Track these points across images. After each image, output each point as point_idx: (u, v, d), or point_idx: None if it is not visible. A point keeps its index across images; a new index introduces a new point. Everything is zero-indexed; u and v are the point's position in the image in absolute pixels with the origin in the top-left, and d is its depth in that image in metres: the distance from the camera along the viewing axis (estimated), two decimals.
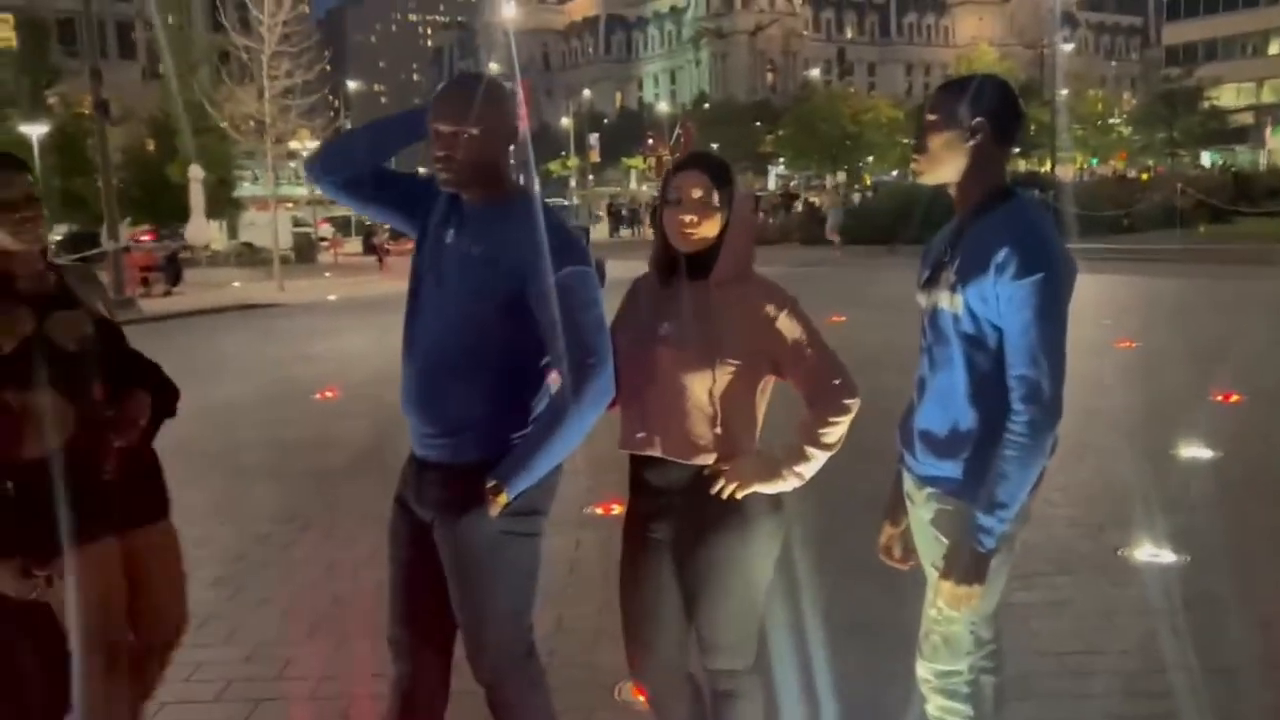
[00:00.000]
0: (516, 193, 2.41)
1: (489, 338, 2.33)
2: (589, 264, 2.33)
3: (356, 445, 7.13)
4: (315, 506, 5.87)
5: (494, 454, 2.31)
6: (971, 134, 2.25)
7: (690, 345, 2.35)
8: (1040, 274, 2.11)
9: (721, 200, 2.36)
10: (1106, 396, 7.71)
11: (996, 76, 2.40)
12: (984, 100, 2.26)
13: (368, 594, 2.51)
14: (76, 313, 2.55)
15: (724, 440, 2.37)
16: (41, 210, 2.52)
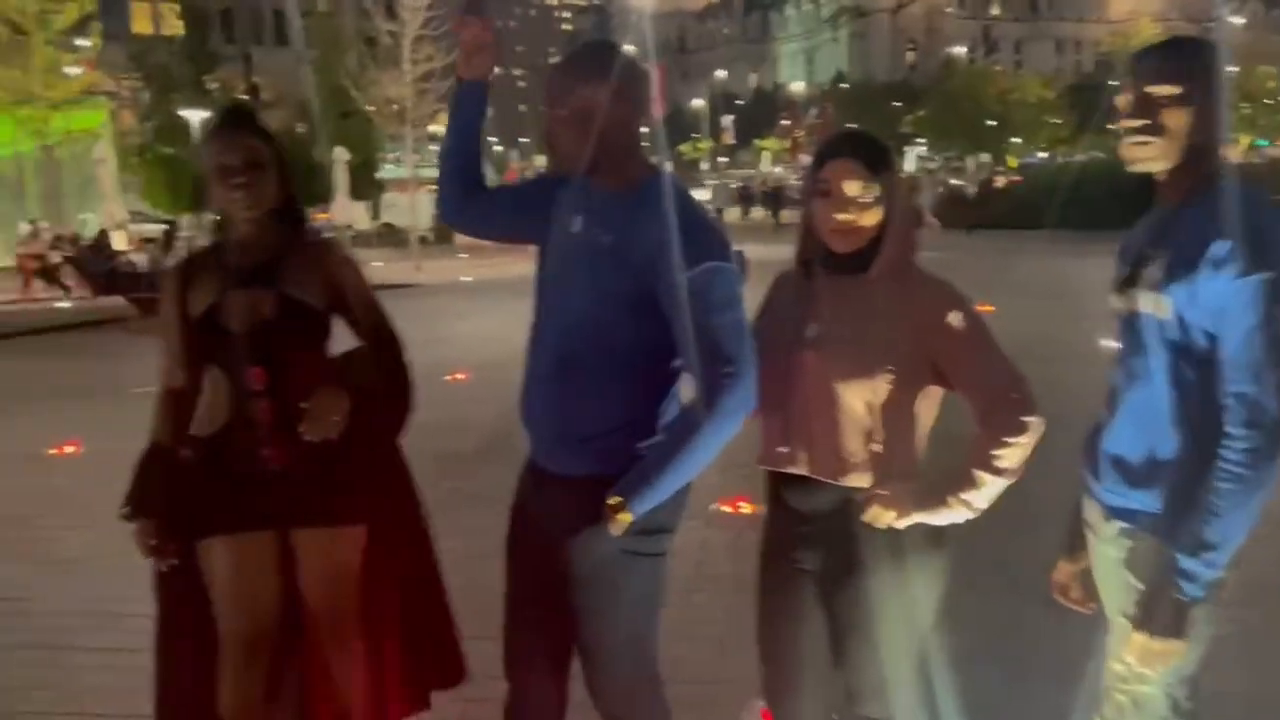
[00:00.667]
0: (650, 176, 2.19)
1: (616, 339, 2.14)
2: (729, 259, 2.09)
3: (485, 430, 7.06)
4: (441, 490, 5.71)
5: (618, 467, 2.12)
6: (1209, 108, 1.89)
7: (844, 349, 2.10)
8: (1270, 273, 1.78)
9: (881, 190, 2.09)
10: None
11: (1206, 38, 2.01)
12: (1213, 66, 1.91)
13: (486, 590, 2.38)
14: (258, 293, 2.42)
15: (881, 459, 2.11)
16: (264, 177, 2.41)
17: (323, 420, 2.36)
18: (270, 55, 40.88)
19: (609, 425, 2.16)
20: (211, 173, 2.41)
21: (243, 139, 2.40)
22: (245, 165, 2.38)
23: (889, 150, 2.17)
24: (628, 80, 2.14)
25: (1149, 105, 1.91)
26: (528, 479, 2.35)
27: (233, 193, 2.38)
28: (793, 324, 2.18)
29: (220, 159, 2.39)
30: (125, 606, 4.27)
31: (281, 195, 2.46)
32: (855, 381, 2.09)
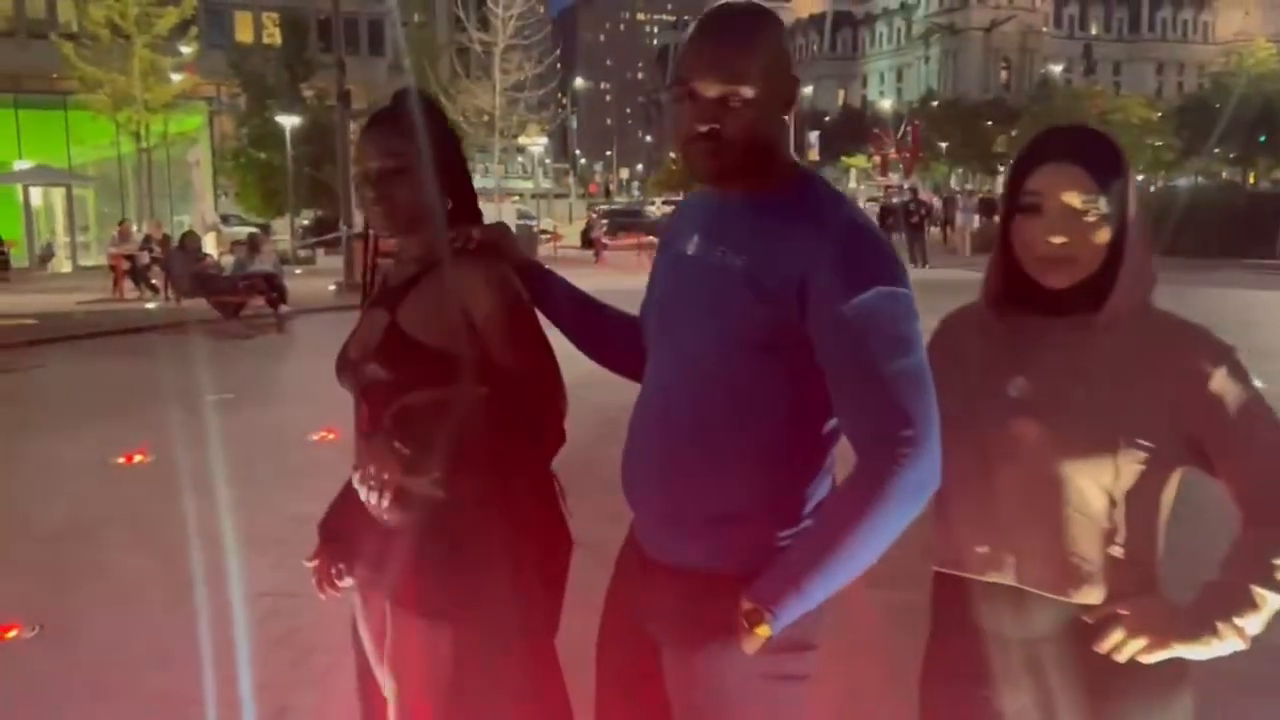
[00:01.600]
0: (797, 179, 1.68)
1: (748, 392, 1.62)
2: (905, 282, 1.57)
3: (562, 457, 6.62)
4: None
5: (753, 562, 1.60)
6: None
7: (1074, 417, 1.55)
8: None
9: (1110, 204, 1.55)
10: None
11: None
12: None
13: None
14: (376, 317, 1.97)
15: (1121, 568, 1.56)
16: (403, 185, 1.92)
17: (364, 476, 1.86)
18: (364, 64, 41.45)
19: (738, 506, 1.64)
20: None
21: (381, 141, 1.94)
22: (379, 174, 1.93)
23: (1120, 150, 1.62)
24: (780, 51, 1.65)
25: None
26: (628, 559, 1.84)
27: (368, 207, 1.97)
28: (986, 379, 1.66)
29: (355, 166, 1.99)
30: (178, 646, 3.94)
31: (429, 201, 1.95)
32: (1093, 460, 1.54)
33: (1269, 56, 65.24)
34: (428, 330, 1.89)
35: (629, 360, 1.92)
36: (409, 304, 1.93)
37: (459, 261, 1.92)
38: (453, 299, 1.89)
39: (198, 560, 4.72)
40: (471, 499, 1.86)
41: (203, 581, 4.48)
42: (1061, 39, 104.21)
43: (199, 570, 4.61)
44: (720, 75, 1.58)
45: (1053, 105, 61.08)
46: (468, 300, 1.89)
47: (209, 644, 2.19)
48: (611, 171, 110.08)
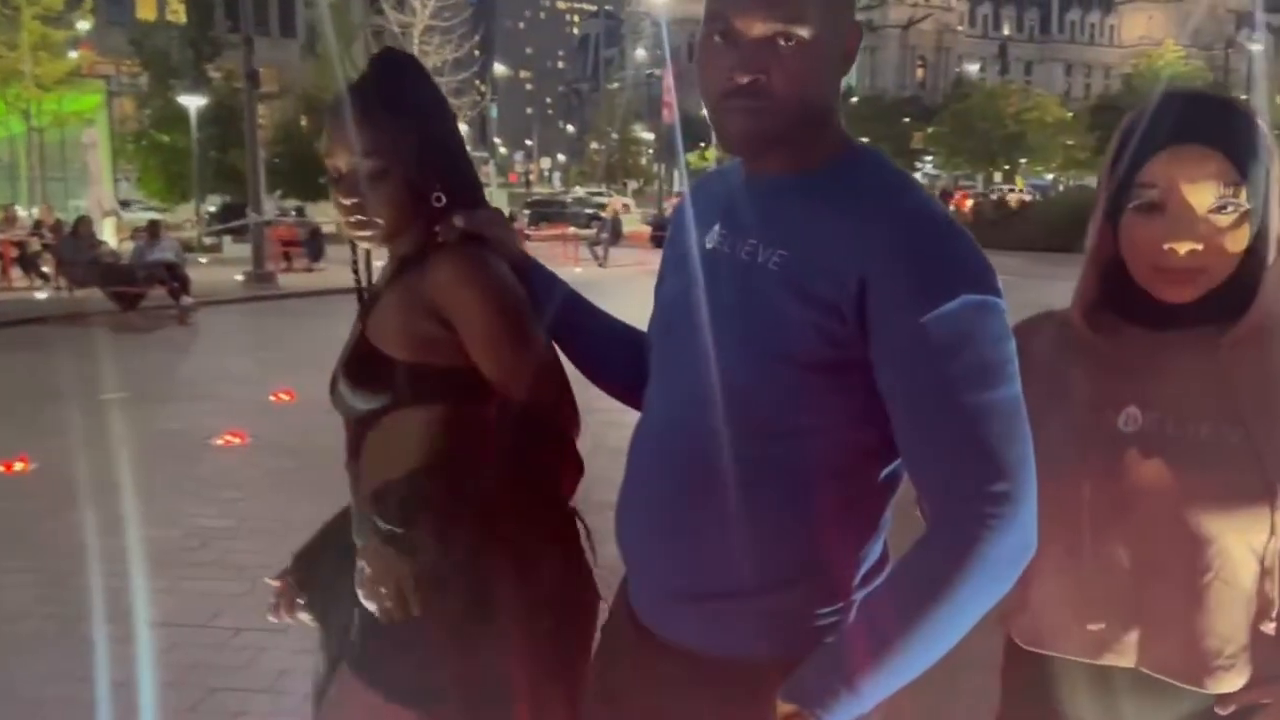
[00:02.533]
0: (850, 151, 1.29)
1: (786, 423, 1.23)
2: (998, 290, 1.19)
3: None
4: None
5: (784, 645, 1.24)
6: None
7: (1212, 457, 1.23)
8: None
9: (1252, 196, 1.22)
10: None
11: None
12: None
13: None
14: (356, 327, 1.61)
15: (1271, 648, 1.24)
16: (382, 183, 1.53)
17: (369, 590, 1.49)
18: (275, 45, 40.19)
19: (771, 575, 1.26)
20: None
21: (354, 133, 1.54)
22: (353, 178, 1.54)
23: (1260, 126, 1.25)
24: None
25: None
26: (619, 629, 1.44)
27: (340, 214, 1.58)
28: (1084, 410, 1.31)
29: (325, 160, 1.58)
30: (61, 686, 3.39)
31: (421, 198, 1.57)
32: (1244, 513, 1.21)
33: (1177, 60, 67.59)
34: (394, 341, 1.52)
35: (630, 384, 1.55)
36: (378, 311, 1.57)
37: (433, 256, 1.53)
38: (424, 301, 1.51)
39: (85, 585, 4.25)
40: (474, 563, 1.48)
41: (91, 610, 4.00)
42: (976, 38, 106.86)
43: (86, 597, 4.13)
44: (770, 9, 1.19)
45: (970, 102, 62.33)
46: (443, 302, 1.49)
47: (98, 684, 1.79)
48: (532, 161, 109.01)
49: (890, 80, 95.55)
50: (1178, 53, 70.62)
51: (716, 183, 1.42)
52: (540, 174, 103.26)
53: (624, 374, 1.58)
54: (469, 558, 1.48)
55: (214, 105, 28.96)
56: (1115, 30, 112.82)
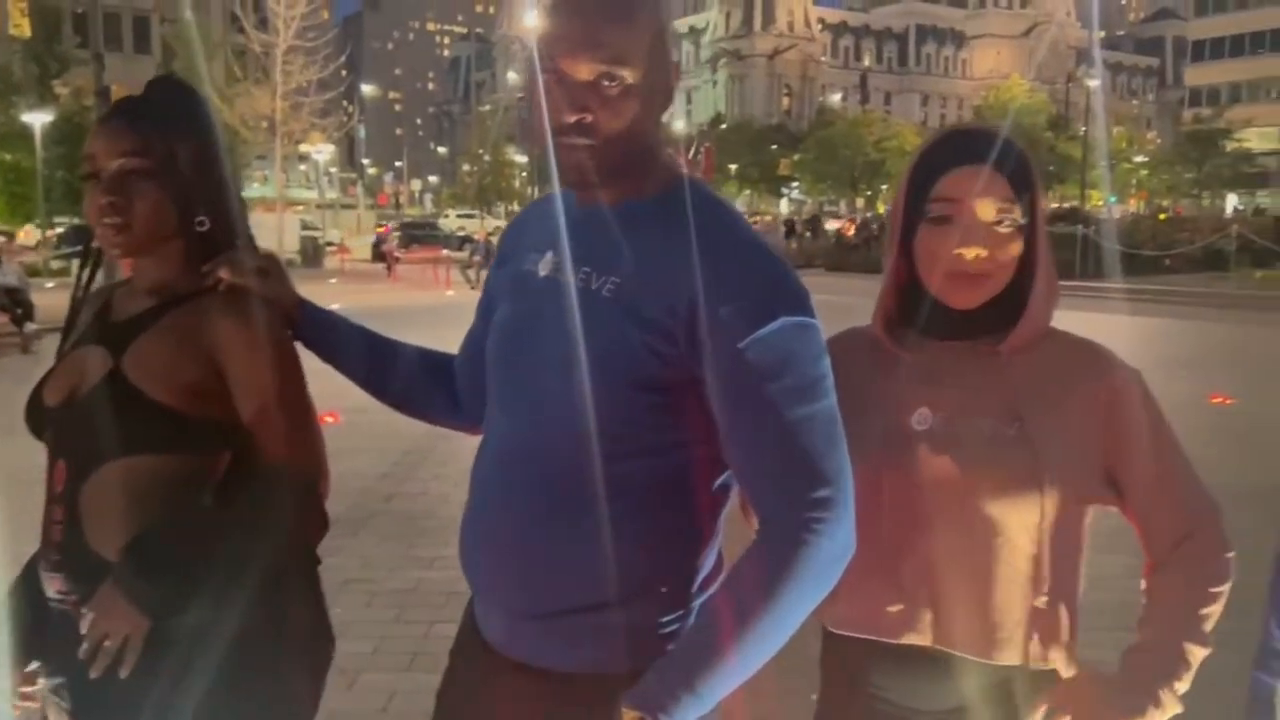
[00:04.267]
0: (674, 182, 1.36)
1: (624, 442, 1.29)
2: (812, 311, 1.29)
3: (357, 490, 5.95)
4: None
5: (629, 656, 1.29)
6: None
7: (991, 451, 1.36)
8: None
9: (1024, 212, 1.39)
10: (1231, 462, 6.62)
11: None
12: None
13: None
14: (87, 356, 1.52)
15: (1047, 620, 1.38)
16: (144, 193, 1.47)
17: (94, 638, 1.40)
18: (129, 62, 38.56)
19: (612, 590, 1.30)
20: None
21: (122, 134, 1.49)
22: (115, 177, 1.47)
23: (1029, 155, 1.43)
24: (662, 28, 1.34)
25: None
26: (468, 654, 1.46)
27: (96, 217, 1.48)
28: (883, 413, 1.43)
29: (85, 165, 1.50)
30: None
31: (183, 216, 1.51)
32: (1020, 500, 1.35)
33: (1022, 92, 71.50)
34: (161, 384, 1.45)
35: (440, 406, 1.63)
36: (141, 348, 1.49)
37: (210, 301, 1.49)
38: (199, 349, 1.47)
39: None
40: (235, 620, 1.43)
41: None
42: (839, 69, 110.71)
43: None
44: (596, 54, 1.26)
45: (834, 130, 64.47)
46: (225, 359, 1.47)
47: None
48: (402, 182, 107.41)
49: (758, 108, 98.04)
50: (1023, 86, 74.82)
51: (548, 211, 1.46)
52: (411, 196, 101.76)
53: (425, 396, 1.63)
54: (214, 614, 1.43)
55: (62, 123, 27.61)
56: (967, 64, 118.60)
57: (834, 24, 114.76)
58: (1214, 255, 25.47)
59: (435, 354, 1.68)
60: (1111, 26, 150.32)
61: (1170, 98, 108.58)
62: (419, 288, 19.27)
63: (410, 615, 4.00)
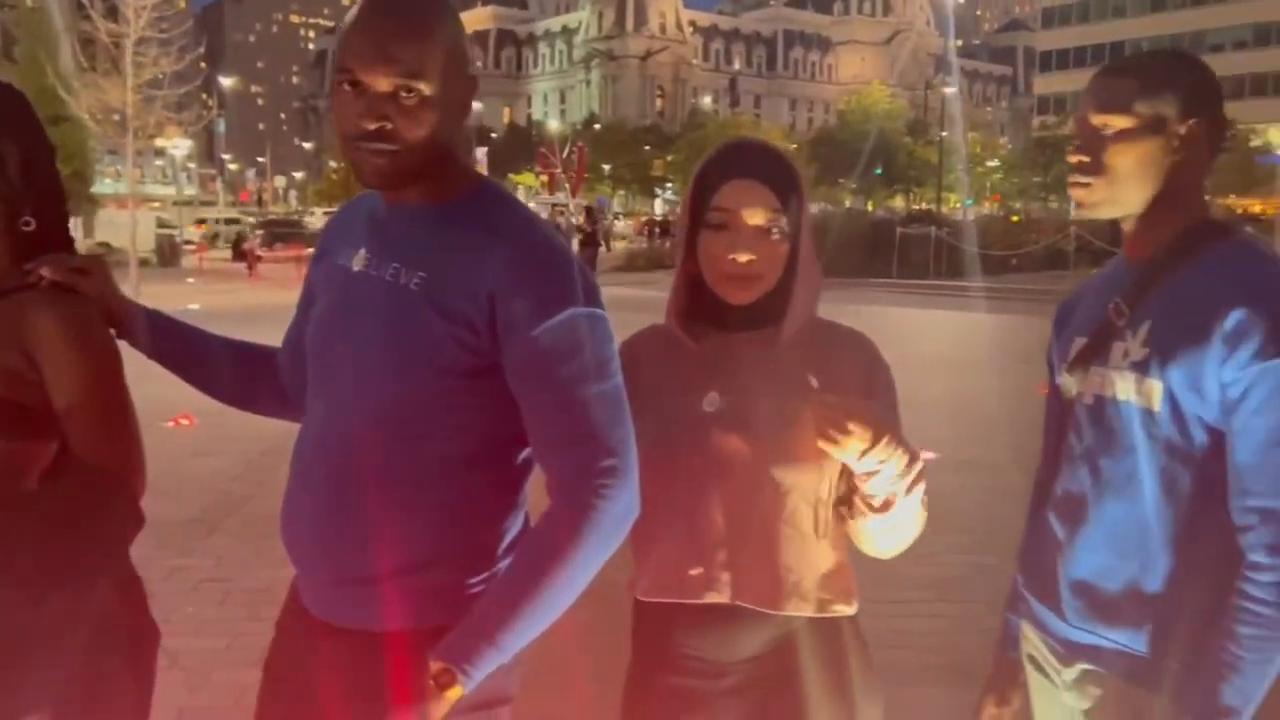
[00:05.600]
0: (478, 185, 1.51)
1: (431, 422, 1.43)
2: (600, 303, 1.45)
3: (214, 491, 5.93)
4: (158, 569, 4.68)
5: (439, 615, 1.42)
6: (1181, 143, 1.52)
7: (771, 428, 1.54)
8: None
9: (790, 219, 1.55)
10: None
11: (1194, 54, 1.63)
12: (1198, 92, 1.54)
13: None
14: None
15: (832, 574, 1.58)
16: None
17: None
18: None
19: (423, 554, 1.44)
20: None
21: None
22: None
23: (796, 168, 1.62)
24: (459, 45, 1.46)
25: (1091, 137, 1.55)
26: (292, 625, 1.57)
27: None
28: (678, 397, 1.59)
29: None
30: None
31: (8, 216, 1.53)
32: (800, 469, 1.53)
33: (883, 99, 74.15)
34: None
35: (268, 399, 1.72)
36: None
37: (29, 296, 1.52)
38: (16, 340, 1.49)
39: None
40: (53, 616, 1.46)
41: None
42: (710, 71, 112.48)
43: None
44: (394, 67, 1.38)
45: (704, 133, 65.53)
46: (43, 355, 1.49)
47: None
48: (266, 179, 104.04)
49: (632, 108, 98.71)
50: (883, 91, 77.62)
51: (361, 210, 1.59)
52: (275, 192, 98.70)
53: (251, 388, 1.73)
54: (44, 615, 1.45)
55: None
56: (833, 68, 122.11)
57: (705, 27, 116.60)
58: (1056, 255, 26.81)
59: (262, 349, 1.77)
60: (967, 36, 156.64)
61: (1021, 105, 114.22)
62: (282, 287, 18.79)
63: (264, 613, 3.96)
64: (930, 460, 1.80)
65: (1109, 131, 1.53)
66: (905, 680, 1.88)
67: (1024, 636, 1.73)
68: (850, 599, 1.59)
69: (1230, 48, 68.69)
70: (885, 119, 63.07)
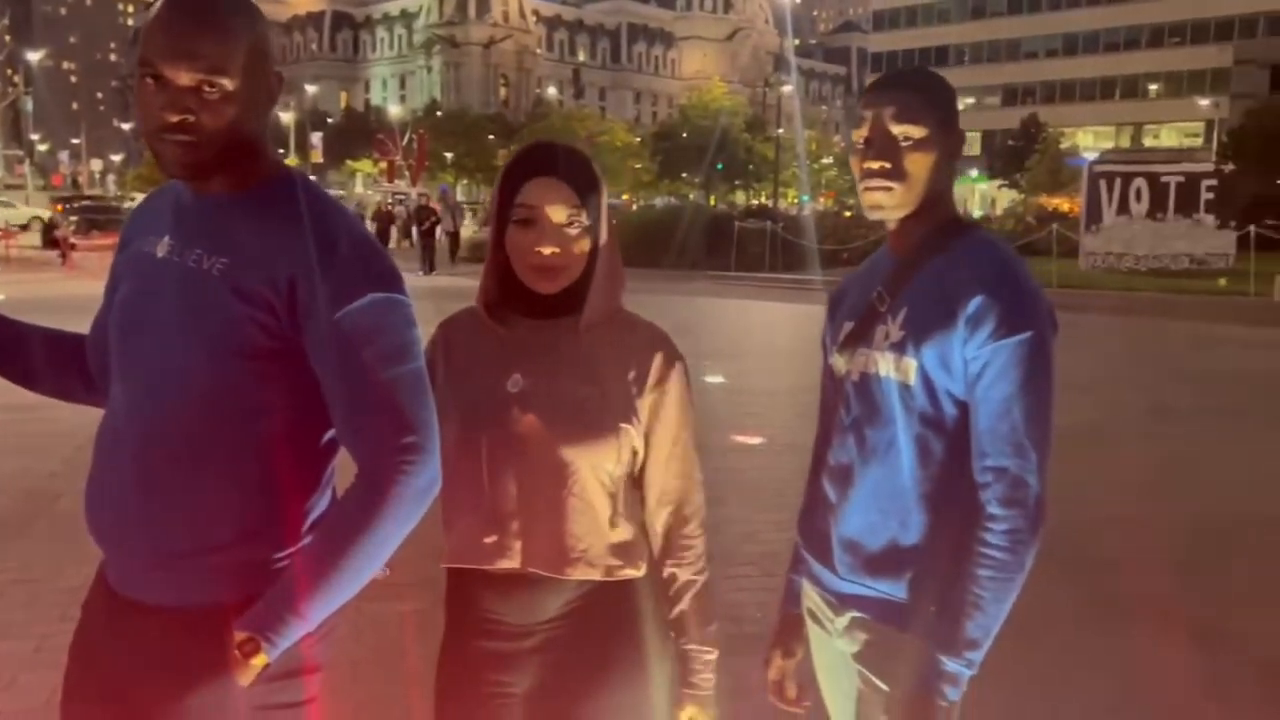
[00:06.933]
0: (282, 176, 1.57)
1: (236, 405, 1.49)
2: (401, 289, 1.53)
3: (20, 489, 5.65)
4: None
5: (245, 589, 1.48)
6: (948, 150, 1.72)
7: (567, 409, 1.67)
8: (1028, 332, 1.61)
9: (590, 216, 1.68)
10: None
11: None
12: (954, 106, 1.76)
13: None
14: None
15: (623, 544, 1.71)
16: None
17: None
18: None
19: (230, 532, 1.49)
20: None
21: None
22: None
23: (595, 167, 1.75)
24: (260, 41, 1.51)
25: (889, 145, 1.70)
26: (99, 606, 1.59)
27: None
28: (485, 379, 1.70)
29: None
30: None
31: None
32: (590, 447, 1.66)
33: (723, 94, 75.72)
34: None
35: (78, 386, 1.73)
36: None
37: None
38: None
39: None
40: None
41: None
42: (554, 62, 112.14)
43: None
44: (196, 63, 1.42)
45: (549, 124, 65.41)
46: None
47: None
48: (81, 161, 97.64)
49: (475, 97, 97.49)
50: (722, 88, 79.27)
51: (166, 198, 1.61)
52: (91, 176, 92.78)
53: (54, 374, 1.73)
54: None
55: None
56: (676, 63, 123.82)
57: (549, 17, 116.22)
58: (878, 248, 28.10)
59: (70, 335, 1.76)
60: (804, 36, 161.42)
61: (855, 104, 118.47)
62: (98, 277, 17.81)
63: (75, 613, 3.82)
64: (759, 444, 1.90)
65: (907, 141, 1.69)
66: (736, 650, 2.04)
67: (804, 593, 1.91)
68: (639, 563, 1.72)
69: (1043, 55, 73.45)
70: (725, 115, 64.43)
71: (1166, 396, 9.35)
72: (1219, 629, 4.17)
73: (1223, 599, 4.45)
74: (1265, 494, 6.23)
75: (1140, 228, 23.63)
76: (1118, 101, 69.75)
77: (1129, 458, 7.03)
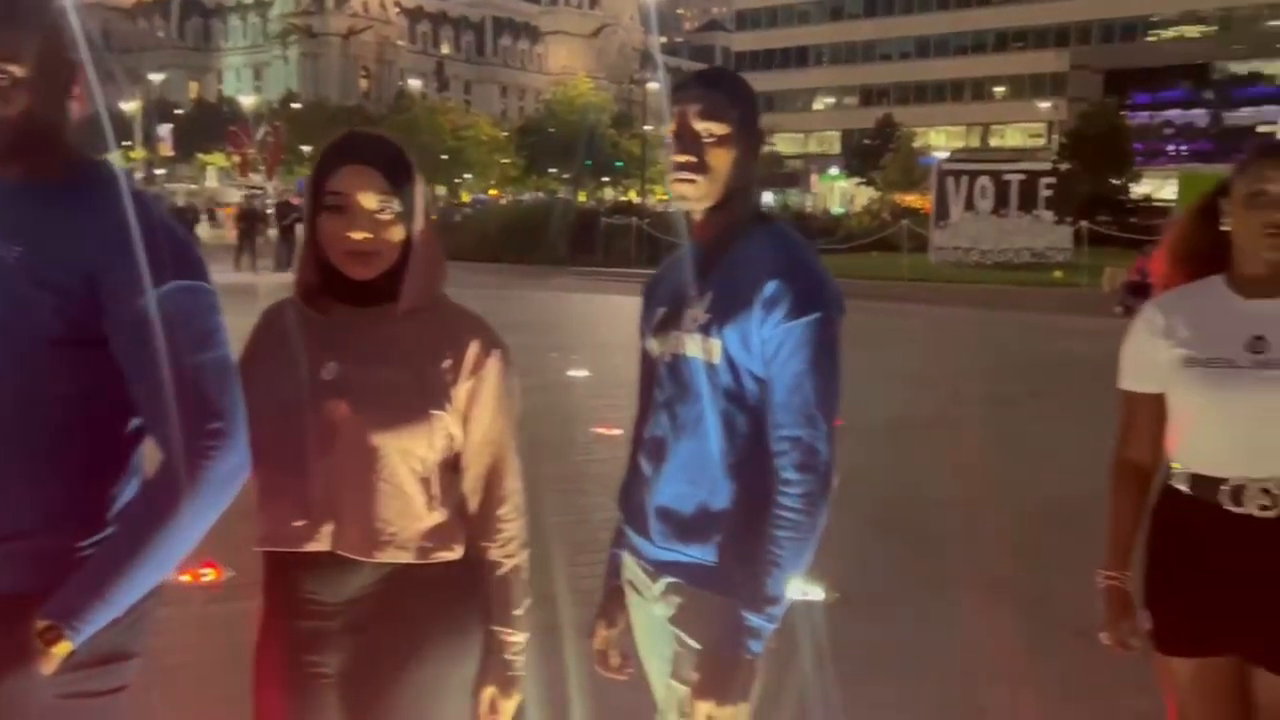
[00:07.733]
0: (84, 165, 1.57)
1: (38, 392, 1.48)
2: (205, 277, 1.55)
3: None
4: None
5: (47, 577, 1.46)
6: (722, 145, 1.82)
7: (380, 395, 1.71)
8: (816, 314, 1.75)
9: (403, 204, 1.72)
10: None
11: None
12: (754, 105, 1.89)
13: None
14: None
15: (438, 527, 1.75)
16: None
17: None
18: None
19: (31, 521, 1.48)
20: None
21: None
22: None
23: (409, 156, 1.79)
24: (56, 30, 1.51)
25: (693, 141, 1.81)
26: None
27: None
28: (301, 366, 1.73)
29: None
30: None
31: None
32: (403, 433, 1.70)
33: (589, 90, 75.74)
34: None
35: None
36: None
37: None
38: None
39: None
40: None
41: None
42: (417, 54, 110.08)
43: None
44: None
45: (412, 117, 64.17)
46: None
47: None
48: None
49: (334, 89, 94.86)
50: (588, 84, 79.36)
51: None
52: None
53: None
54: None
55: None
56: (543, 58, 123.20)
57: (411, 8, 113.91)
58: None
59: None
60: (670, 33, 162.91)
61: None
62: None
63: None
64: (621, 435, 1.96)
65: (711, 138, 1.79)
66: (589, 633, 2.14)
67: (624, 565, 2.00)
68: (454, 546, 1.76)
69: (897, 57, 76.12)
70: (590, 111, 64.58)
71: (1004, 385, 9.92)
72: (1042, 596, 4.52)
73: (1046, 570, 4.78)
74: (1089, 474, 6.67)
75: (985, 224, 24.89)
76: (967, 103, 72.84)
77: (968, 442, 7.44)
